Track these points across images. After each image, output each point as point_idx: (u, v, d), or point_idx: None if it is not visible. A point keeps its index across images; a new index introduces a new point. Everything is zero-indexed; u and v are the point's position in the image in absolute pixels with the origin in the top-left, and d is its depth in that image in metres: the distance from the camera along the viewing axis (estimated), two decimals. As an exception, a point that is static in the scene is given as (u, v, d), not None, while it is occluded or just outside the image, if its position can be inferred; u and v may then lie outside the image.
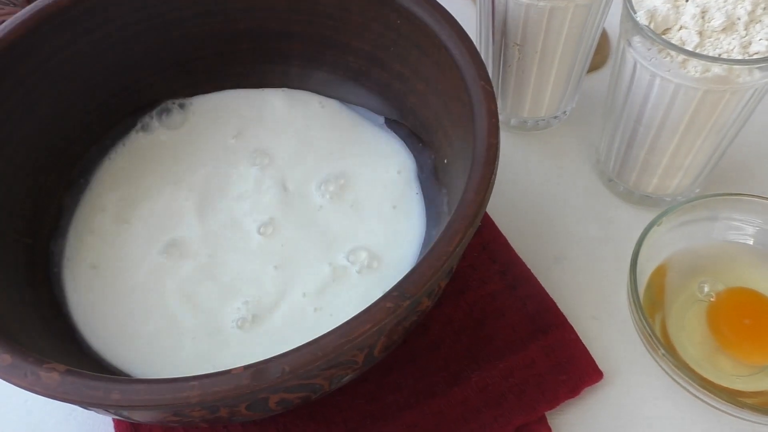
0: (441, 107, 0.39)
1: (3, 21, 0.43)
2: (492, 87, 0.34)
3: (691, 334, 0.37)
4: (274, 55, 0.45)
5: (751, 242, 0.39)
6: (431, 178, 0.41)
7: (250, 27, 0.44)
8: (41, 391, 0.26)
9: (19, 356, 0.27)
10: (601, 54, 0.51)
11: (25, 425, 0.38)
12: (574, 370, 0.37)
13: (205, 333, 0.36)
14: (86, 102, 0.42)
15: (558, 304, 0.39)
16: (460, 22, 0.37)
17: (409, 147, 0.43)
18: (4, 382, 0.27)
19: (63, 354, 0.32)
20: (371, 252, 0.38)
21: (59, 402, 0.37)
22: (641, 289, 0.37)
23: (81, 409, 0.37)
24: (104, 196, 0.41)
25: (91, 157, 0.42)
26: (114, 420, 0.37)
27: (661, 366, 0.35)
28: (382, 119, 0.44)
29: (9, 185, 0.37)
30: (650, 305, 0.38)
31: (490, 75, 0.46)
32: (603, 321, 0.40)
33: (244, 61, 0.45)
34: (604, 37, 0.53)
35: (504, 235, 0.42)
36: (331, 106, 0.45)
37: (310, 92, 0.45)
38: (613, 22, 0.41)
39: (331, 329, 0.27)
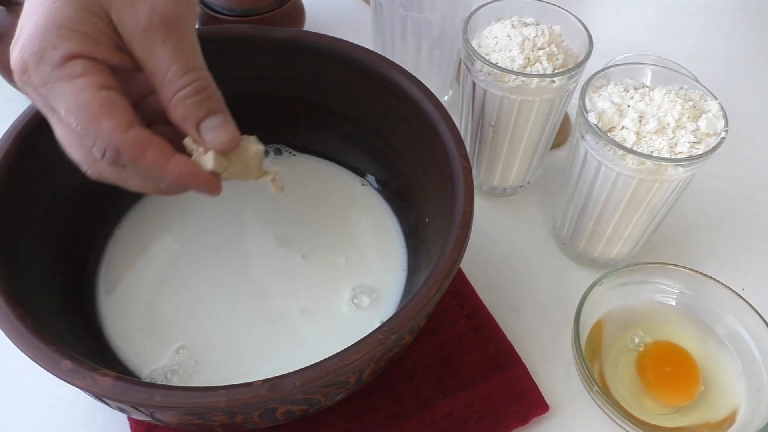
0: (424, 175, 0.46)
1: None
2: (470, 164, 0.41)
3: (622, 377, 0.44)
4: (283, 117, 0.52)
5: (673, 303, 0.46)
6: (413, 234, 0.48)
7: (264, 91, 0.50)
8: (97, 391, 0.32)
9: (77, 363, 0.33)
10: (562, 134, 0.59)
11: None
12: (525, 403, 0.43)
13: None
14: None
15: (514, 346, 0.46)
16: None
17: (394, 205, 0.50)
18: (61, 381, 0.32)
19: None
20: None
21: (79, 410, 0.43)
22: (583, 338, 0.43)
23: (100, 415, 0.43)
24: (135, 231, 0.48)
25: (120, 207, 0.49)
26: (131, 426, 0.42)
27: (596, 402, 0.42)
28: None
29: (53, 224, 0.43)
30: (590, 352, 0.45)
31: (468, 148, 0.53)
32: (551, 363, 0.46)
33: (257, 120, 0.52)
34: (566, 119, 0.61)
35: (471, 284, 0.49)
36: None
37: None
38: (575, 105, 0.49)
39: (331, 355, 0.33)
